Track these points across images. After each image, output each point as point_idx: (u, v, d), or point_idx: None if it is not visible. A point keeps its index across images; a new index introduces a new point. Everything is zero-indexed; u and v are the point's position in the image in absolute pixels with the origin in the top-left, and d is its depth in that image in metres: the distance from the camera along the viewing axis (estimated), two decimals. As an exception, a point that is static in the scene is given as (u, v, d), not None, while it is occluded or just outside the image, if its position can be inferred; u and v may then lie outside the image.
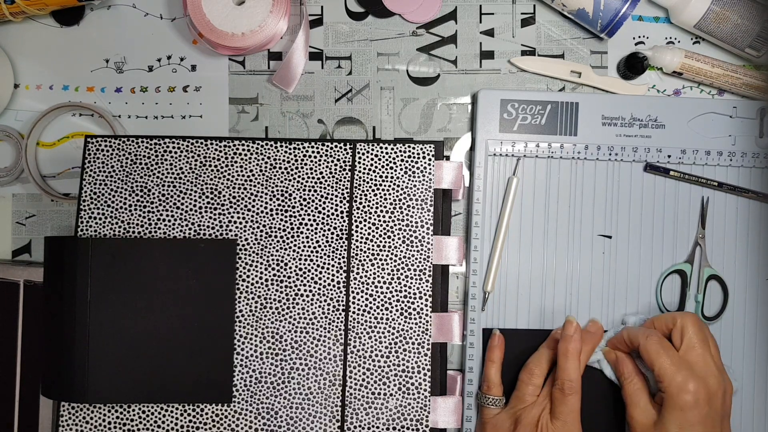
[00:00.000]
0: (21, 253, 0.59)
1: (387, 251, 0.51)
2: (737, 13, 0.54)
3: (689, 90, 0.58)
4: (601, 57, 0.58)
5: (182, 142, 0.52)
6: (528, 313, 0.55)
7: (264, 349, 0.51)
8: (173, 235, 0.51)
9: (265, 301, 0.51)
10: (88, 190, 0.52)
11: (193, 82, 0.59)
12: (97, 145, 0.52)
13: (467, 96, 0.58)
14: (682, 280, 0.55)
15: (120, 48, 0.59)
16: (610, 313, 0.55)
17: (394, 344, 0.51)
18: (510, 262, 0.55)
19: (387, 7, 0.58)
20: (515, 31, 0.59)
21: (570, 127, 0.55)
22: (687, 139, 0.55)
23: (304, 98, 0.59)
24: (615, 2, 0.54)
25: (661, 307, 0.55)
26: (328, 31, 0.59)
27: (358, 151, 0.52)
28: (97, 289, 0.50)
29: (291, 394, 0.51)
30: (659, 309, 0.55)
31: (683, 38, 0.58)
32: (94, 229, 0.52)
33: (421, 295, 0.51)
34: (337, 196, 0.52)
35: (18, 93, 0.60)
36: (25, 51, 0.60)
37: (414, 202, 0.52)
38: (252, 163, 0.52)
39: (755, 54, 0.56)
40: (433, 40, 0.59)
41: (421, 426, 0.51)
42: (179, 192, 0.52)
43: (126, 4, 0.59)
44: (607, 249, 0.55)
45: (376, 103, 0.58)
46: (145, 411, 0.50)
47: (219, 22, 0.55)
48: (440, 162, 0.52)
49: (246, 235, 0.52)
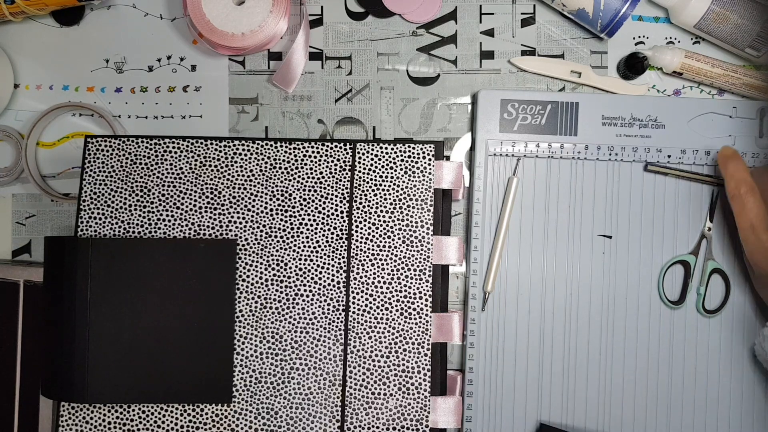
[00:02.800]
0: (21, 253, 0.59)
1: (387, 251, 0.51)
2: (737, 13, 0.54)
3: (689, 90, 0.58)
4: (601, 57, 0.58)
5: (182, 142, 0.52)
6: (528, 313, 0.55)
7: (264, 349, 0.51)
8: (173, 235, 0.51)
9: (265, 301, 0.51)
10: (88, 190, 0.52)
11: (193, 82, 0.59)
12: (97, 145, 0.52)
13: (467, 96, 0.58)
14: (685, 272, 0.55)
15: (120, 48, 0.59)
16: (610, 313, 0.55)
17: (394, 344, 0.51)
18: (510, 262, 0.55)
19: (387, 7, 0.58)
20: (515, 31, 0.59)
21: (570, 127, 0.56)
22: (687, 139, 0.55)
23: (304, 98, 0.59)
24: (615, 2, 0.54)
25: (663, 298, 0.55)
26: (328, 31, 0.59)
27: (358, 151, 0.52)
28: (97, 289, 0.50)
29: (291, 394, 0.51)
30: (661, 300, 0.55)
31: (683, 38, 0.58)
32: (94, 229, 0.52)
33: (421, 295, 0.51)
34: (337, 196, 0.52)
35: (18, 93, 0.60)
36: (25, 51, 0.60)
37: (414, 202, 0.52)
38: (252, 163, 0.52)
39: (755, 54, 0.56)
40: (433, 40, 0.59)
41: (421, 426, 0.51)
42: (179, 192, 0.52)
43: (126, 4, 0.59)
44: (607, 249, 0.55)
45: (376, 103, 0.58)
46: (145, 411, 0.50)
47: (219, 22, 0.55)
48: (440, 162, 0.52)
49: (246, 235, 0.52)
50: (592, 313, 0.55)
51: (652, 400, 0.55)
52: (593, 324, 0.55)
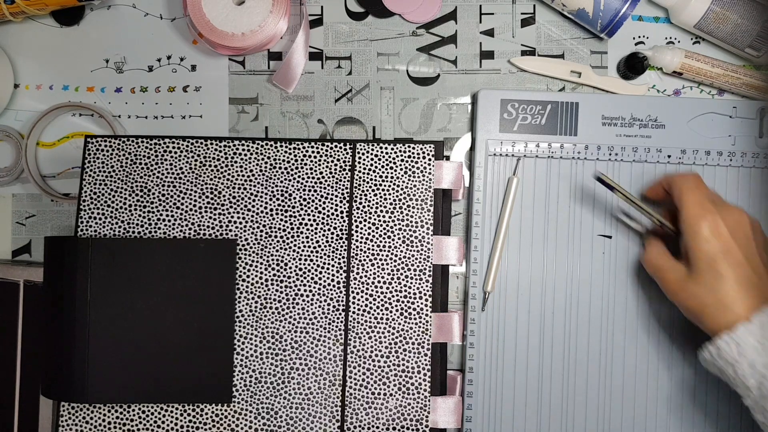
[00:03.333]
0: (21, 253, 0.59)
1: (387, 251, 0.51)
2: (737, 13, 0.54)
3: (689, 90, 0.58)
4: (601, 57, 0.58)
5: (182, 142, 0.52)
6: (528, 313, 0.55)
7: (264, 349, 0.51)
8: (173, 235, 0.51)
9: (265, 301, 0.51)
10: (88, 190, 0.52)
11: (193, 82, 0.59)
12: (97, 145, 0.52)
13: (467, 96, 0.58)
14: None
15: (120, 48, 0.59)
16: (610, 313, 0.55)
17: (394, 344, 0.51)
18: (510, 262, 0.55)
19: (387, 7, 0.58)
20: (515, 31, 0.59)
21: (570, 127, 0.55)
22: (687, 139, 0.55)
23: (304, 98, 0.59)
24: (615, 2, 0.54)
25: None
26: (328, 31, 0.59)
27: (358, 151, 0.52)
28: (97, 289, 0.50)
29: (291, 394, 0.51)
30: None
31: (683, 38, 0.58)
32: (94, 229, 0.52)
33: (421, 295, 0.51)
34: (337, 196, 0.52)
35: (18, 93, 0.60)
36: (25, 51, 0.60)
37: (414, 202, 0.52)
38: (252, 163, 0.52)
39: (755, 54, 0.56)
40: (433, 40, 0.59)
41: (421, 426, 0.51)
42: (179, 192, 0.52)
43: (126, 4, 0.59)
44: (607, 249, 0.55)
45: (376, 103, 0.58)
46: (145, 411, 0.50)
47: (219, 22, 0.55)
48: (440, 162, 0.52)
49: (246, 235, 0.52)
50: (592, 313, 0.55)
51: (653, 399, 0.54)
52: (593, 324, 0.55)
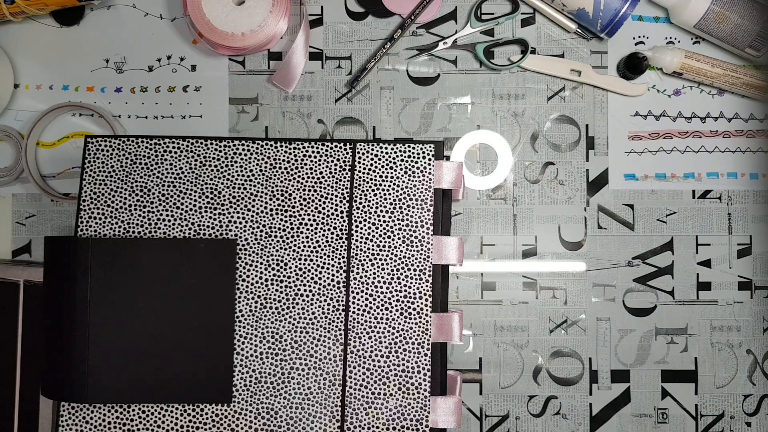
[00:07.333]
0: (21, 253, 0.59)
1: (387, 251, 0.51)
2: (737, 13, 0.54)
3: (689, 90, 0.58)
4: (601, 57, 0.58)
5: (182, 142, 0.52)
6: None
7: (264, 349, 0.51)
8: (173, 235, 0.51)
9: (265, 301, 0.51)
10: (88, 190, 0.52)
11: (193, 82, 0.59)
12: (97, 145, 0.52)
13: (467, 96, 0.58)
14: None
15: (120, 48, 0.59)
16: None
17: (394, 344, 0.51)
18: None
19: (387, 7, 0.58)
20: (515, 31, 0.59)
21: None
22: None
23: (304, 98, 0.59)
24: (615, 2, 0.54)
25: None
26: (328, 31, 0.59)
27: (358, 151, 0.52)
28: (97, 289, 0.50)
29: (291, 394, 0.51)
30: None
31: (683, 38, 0.58)
32: (94, 229, 0.52)
33: (421, 295, 0.51)
34: (337, 196, 0.52)
35: (18, 93, 0.60)
36: (25, 51, 0.60)
37: (414, 202, 0.52)
38: (252, 163, 0.52)
39: (755, 54, 0.56)
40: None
41: (421, 426, 0.51)
42: (179, 192, 0.52)
43: (126, 4, 0.59)
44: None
45: (376, 103, 0.58)
46: (145, 411, 0.50)
47: (219, 22, 0.55)
48: (440, 162, 0.52)
49: (246, 235, 0.52)
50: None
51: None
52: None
